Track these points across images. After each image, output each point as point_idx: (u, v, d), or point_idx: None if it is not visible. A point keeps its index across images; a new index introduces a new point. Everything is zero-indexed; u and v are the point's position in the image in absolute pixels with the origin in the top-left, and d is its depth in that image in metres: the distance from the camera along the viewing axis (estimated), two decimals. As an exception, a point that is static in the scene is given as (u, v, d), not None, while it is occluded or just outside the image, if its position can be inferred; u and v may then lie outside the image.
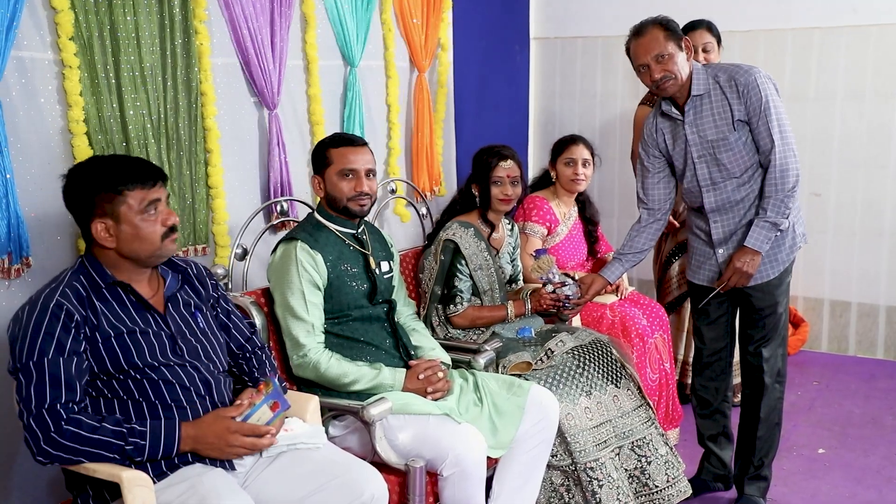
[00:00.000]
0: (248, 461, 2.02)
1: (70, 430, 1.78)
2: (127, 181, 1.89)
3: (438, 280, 2.96)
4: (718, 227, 2.75)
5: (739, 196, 2.70)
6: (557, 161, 3.45)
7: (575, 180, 3.41)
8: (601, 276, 2.95)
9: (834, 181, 4.44)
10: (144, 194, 1.91)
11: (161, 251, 1.96)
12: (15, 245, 2.26)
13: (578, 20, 4.93)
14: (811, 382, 4.18)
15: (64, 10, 2.33)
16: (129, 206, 1.90)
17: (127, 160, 1.97)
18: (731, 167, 2.68)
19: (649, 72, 2.62)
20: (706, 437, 3.04)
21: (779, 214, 2.62)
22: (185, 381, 1.97)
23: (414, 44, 3.73)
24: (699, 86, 2.67)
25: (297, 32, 3.16)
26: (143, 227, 1.91)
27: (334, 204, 2.52)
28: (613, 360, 2.85)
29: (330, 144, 2.53)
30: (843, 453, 3.38)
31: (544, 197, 3.46)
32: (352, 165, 2.49)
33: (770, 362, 2.81)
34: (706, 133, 2.69)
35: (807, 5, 4.36)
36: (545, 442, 2.54)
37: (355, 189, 2.49)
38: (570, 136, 3.51)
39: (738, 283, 2.72)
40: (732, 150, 2.66)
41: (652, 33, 2.62)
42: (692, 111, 2.70)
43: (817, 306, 4.61)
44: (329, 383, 2.40)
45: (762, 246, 2.65)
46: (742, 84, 2.61)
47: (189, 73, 2.72)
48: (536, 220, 3.39)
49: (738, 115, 2.63)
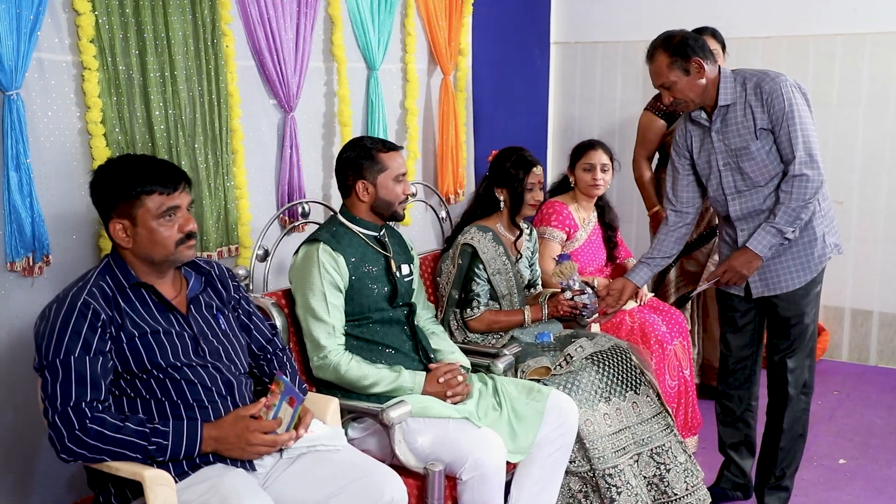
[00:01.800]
0: (268, 462, 2.02)
1: (94, 429, 1.79)
2: (146, 184, 1.89)
3: (456, 284, 2.96)
4: (745, 234, 2.73)
5: (765, 206, 2.67)
6: (576, 166, 3.44)
7: (594, 185, 3.40)
8: (631, 281, 2.92)
9: (856, 188, 4.41)
10: (163, 199, 1.91)
11: (174, 256, 1.95)
12: (37, 243, 2.29)
13: (599, 25, 4.92)
14: (831, 392, 4.14)
15: (86, 12, 2.35)
16: (146, 210, 1.90)
17: (151, 162, 1.97)
18: (755, 176, 2.66)
19: (664, 96, 2.70)
20: (727, 445, 3.01)
21: (787, 223, 2.59)
22: (207, 381, 1.98)
23: (439, 46, 3.74)
24: (726, 95, 2.65)
25: (318, 34, 3.17)
26: (158, 231, 1.91)
27: (385, 208, 2.54)
28: (633, 366, 2.84)
29: (379, 150, 2.53)
30: (864, 464, 3.34)
31: (563, 202, 3.45)
32: (403, 170, 2.56)
33: (795, 373, 2.78)
34: (731, 141, 2.68)
35: (829, 12, 4.33)
36: (564, 447, 2.53)
37: (404, 192, 2.55)
38: (588, 141, 3.50)
39: (730, 281, 2.72)
40: (754, 159, 2.64)
41: (657, 61, 2.65)
42: (719, 119, 2.69)
43: (838, 315, 4.57)
44: (349, 385, 2.40)
45: (763, 250, 2.63)
46: (767, 92, 2.59)
47: (217, 74, 2.74)
48: (556, 224, 3.38)
49: (761, 124, 2.61)
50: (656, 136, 3.75)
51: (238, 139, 2.84)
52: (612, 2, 4.85)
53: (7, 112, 2.19)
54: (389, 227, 2.71)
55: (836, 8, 4.31)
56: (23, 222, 2.24)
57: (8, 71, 2.17)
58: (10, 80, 2.18)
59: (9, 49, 2.17)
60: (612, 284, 2.96)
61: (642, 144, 3.79)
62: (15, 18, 2.17)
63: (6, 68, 2.17)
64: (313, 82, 3.19)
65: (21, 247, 2.25)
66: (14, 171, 2.21)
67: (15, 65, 2.19)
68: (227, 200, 2.82)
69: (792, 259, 2.69)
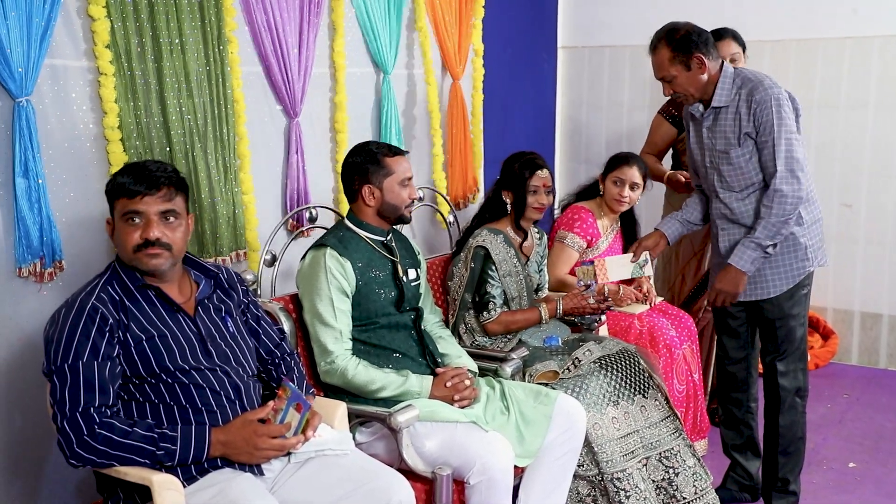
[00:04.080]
0: (276, 466, 2.03)
1: (103, 434, 1.80)
2: (116, 187, 1.94)
3: (469, 287, 2.96)
4: (725, 236, 2.77)
5: (739, 210, 2.71)
6: (608, 177, 3.40)
7: (619, 200, 3.34)
8: (664, 235, 2.98)
9: (865, 191, 4.39)
10: (126, 203, 1.93)
11: (134, 262, 1.95)
12: (48, 249, 2.30)
13: (606, 29, 4.92)
14: (841, 395, 4.12)
15: (101, 18, 2.36)
16: (117, 211, 1.96)
17: (135, 167, 1.98)
18: (731, 181, 2.70)
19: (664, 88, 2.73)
20: (731, 446, 3.03)
21: (767, 237, 2.61)
22: (216, 385, 1.98)
23: (447, 51, 3.74)
24: (721, 97, 2.66)
25: (323, 40, 3.18)
26: (121, 234, 1.96)
27: (391, 213, 2.55)
28: (641, 370, 2.83)
29: (385, 154, 2.54)
30: (874, 467, 3.33)
31: (591, 210, 3.42)
32: (409, 174, 2.56)
33: (788, 377, 2.80)
34: (717, 142, 2.70)
35: (837, 15, 4.31)
36: (572, 451, 2.53)
37: (410, 196, 2.56)
38: (626, 154, 3.42)
39: (724, 301, 2.74)
40: (733, 164, 2.67)
41: (659, 54, 2.67)
42: (711, 117, 2.72)
43: (847, 318, 4.55)
44: (356, 390, 2.41)
45: (745, 265, 2.65)
46: (756, 101, 2.60)
47: (224, 81, 2.75)
48: (578, 232, 3.34)
49: (746, 129, 2.62)
50: (663, 140, 3.73)
51: (244, 145, 2.85)
52: (620, 6, 4.85)
53: (17, 119, 2.20)
54: (396, 231, 2.72)
55: (845, 11, 4.30)
56: (30, 228, 2.25)
57: (17, 78, 2.18)
58: (19, 88, 2.19)
59: (19, 56, 2.17)
60: (645, 240, 3.03)
61: (648, 144, 3.78)
62: (25, 25, 2.18)
63: (16, 75, 2.18)
64: (319, 88, 3.20)
65: (29, 253, 2.26)
66: (22, 178, 2.22)
67: (25, 71, 2.19)
68: (236, 205, 2.84)
69: (771, 268, 2.71)
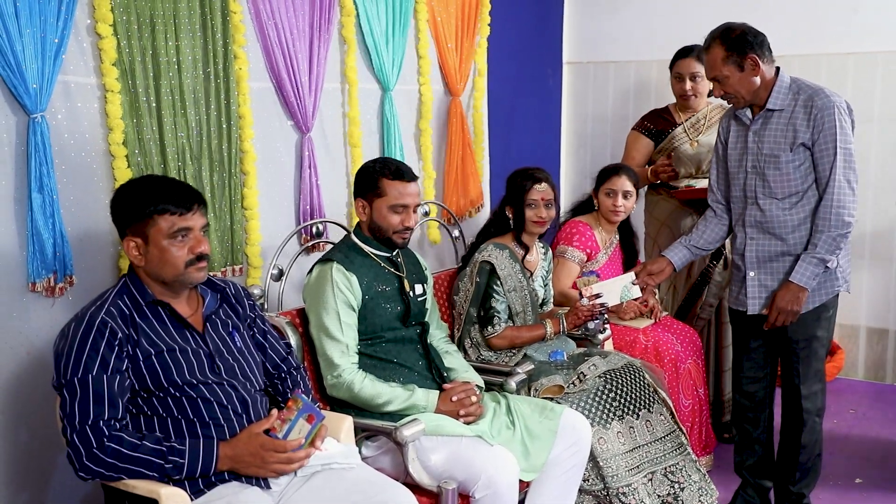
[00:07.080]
0: (282, 480, 2.03)
1: (112, 447, 1.82)
2: (159, 204, 1.93)
3: (474, 302, 2.97)
4: (753, 247, 2.72)
5: (778, 219, 2.66)
6: (599, 190, 3.42)
7: (614, 211, 3.37)
8: (670, 262, 2.94)
9: (870, 206, 4.38)
10: (175, 220, 1.94)
11: (184, 277, 1.97)
12: (60, 264, 2.32)
13: (611, 45, 4.94)
14: (848, 411, 4.10)
15: (107, 36, 2.39)
16: (158, 229, 1.93)
17: (168, 183, 2.00)
18: (775, 187, 2.64)
19: (714, 89, 2.67)
20: (745, 466, 2.99)
21: (828, 251, 2.57)
22: (223, 399, 2.00)
23: (448, 69, 3.77)
24: (776, 101, 2.62)
25: (333, 55, 3.22)
26: (169, 251, 1.94)
27: (379, 233, 2.55)
28: (646, 384, 2.84)
29: (383, 175, 2.51)
30: (881, 483, 3.31)
31: (588, 223, 3.45)
32: (404, 201, 2.51)
33: (810, 399, 2.77)
34: (765, 146, 2.65)
35: (841, 31, 4.33)
36: (577, 466, 2.53)
37: (402, 223, 2.51)
38: (614, 165, 3.46)
39: (784, 321, 2.66)
40: (780, 170, 2.62)
41: (712, 53, 2.61)
42: (761, 121, 2.66)
43: (853, 333, 4.54)
44: (362, 404, 2.42)
45: (808, 282, 2.60)
46: (818, 108, 2.55)
47: (228, 97, 2.78)
48: (577, 245, 3.37)
49: (802, 139, 2.58)
50: (641, 154, 3.76)
51: (250, 160, 2.86)
52: (624, 22, 4.88)
53: (32, 134, 2.22)
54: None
55: (848, 27, 4.32)
56: (44, 243, 2.27)
57: (32, 94, 2.21)
58: (34, 103, 2.22)
59: (33, 72, 2.20)
60: (650, 265, 2.98)
61: (626, 160, 3.78)
62: (40, 42, 2.21)
63: (31, 91, 2.21)
64: (330, 103, 3.23)
65: (43, 267, 2.28)
66: (37, 193, 2.24)
67: (40, 88, 2.22)
68: (234, 221, 2.85)
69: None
